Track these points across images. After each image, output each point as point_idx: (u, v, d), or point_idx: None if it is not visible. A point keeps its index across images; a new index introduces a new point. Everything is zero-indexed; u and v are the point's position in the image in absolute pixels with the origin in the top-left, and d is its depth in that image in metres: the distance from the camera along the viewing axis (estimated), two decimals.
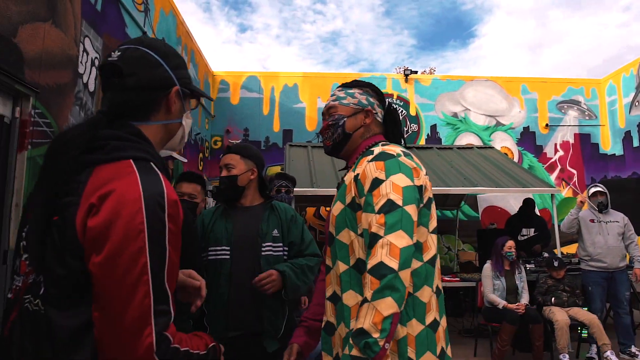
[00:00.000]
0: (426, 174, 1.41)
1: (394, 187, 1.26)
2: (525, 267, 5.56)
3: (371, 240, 1.22)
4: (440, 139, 9.52)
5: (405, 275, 1.17)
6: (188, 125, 1.19)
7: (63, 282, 0.90)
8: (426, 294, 1.32)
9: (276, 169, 8.96)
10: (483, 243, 7.06)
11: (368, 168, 1.34)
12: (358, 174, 1.38)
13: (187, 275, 1.28)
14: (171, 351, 0.91)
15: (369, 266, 1.18)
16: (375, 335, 1.12)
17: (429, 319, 1.31)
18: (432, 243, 1.37)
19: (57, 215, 0.92)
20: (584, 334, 4.87)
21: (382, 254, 1.18)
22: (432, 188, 5.19)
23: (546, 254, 5.99)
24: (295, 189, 4.32)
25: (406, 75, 9.69)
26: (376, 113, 1.61)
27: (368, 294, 1.16)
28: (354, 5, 60.17)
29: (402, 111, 9.66)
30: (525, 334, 4.69)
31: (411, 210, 1.24)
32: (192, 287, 1.25)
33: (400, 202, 1.23)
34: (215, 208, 2.43)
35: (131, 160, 0.96)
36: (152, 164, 1.00)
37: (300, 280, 2.24)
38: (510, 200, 8.93)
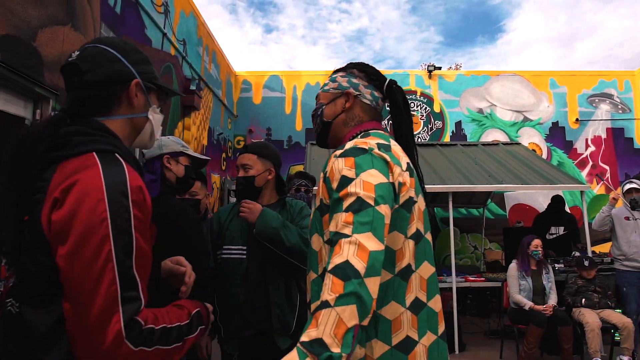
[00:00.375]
0: (407, 169, 1.21)
1: (364, 185, 1.08)
2: (553, 267, 5.38)
3: (335, 238, 1.04)
4: (466, 136, 9.32)
5: (372, 284, 0.98)
6: (157, 121, 1.19)
7: (36, 281, 0.92)
8: (392, 311, 1.14)
9: (299, 168, 8.95)
10: (510, 242, 6.87)
11: (336, 165, 1.16)
12: (327, 172, 1.22)
13: (175, 262, 1.30)
14: (145, 333, 0.92)
15: (331, 265, 1.00)
16: (337, 350, 0.92)
17: (397, 339, 1.13)
18: (408, 251, 1.18)
19: (27, 215, 0.94)
20: (617, 337, 4.67)
21: (349, 253, 1.00)
22: (456, 186, 4.96)
23: (577, 253, 5.77)
24: (315, 188, 4.29)
25: (429, 72, 9.52)
26: (359, 94, 1.39)
27: (329, 297, 0.96)
28: (380, 3, 59.83)
29: (425, 108, 9.51)
30: (553, 336, 4.52)
31: (384, 211, 1.06)
32: (179, 274, 1.28)
33: (371, 202, 1.06)
34: (232, 206, 2.41)
35: (94, 153, 0.98)
36: (117, 155, 1.01)
37: (278, 225, 2.14)
38: (539, 198, 8.65)
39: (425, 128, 9.48)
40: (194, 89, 6.36)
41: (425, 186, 5.08)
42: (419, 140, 9.24)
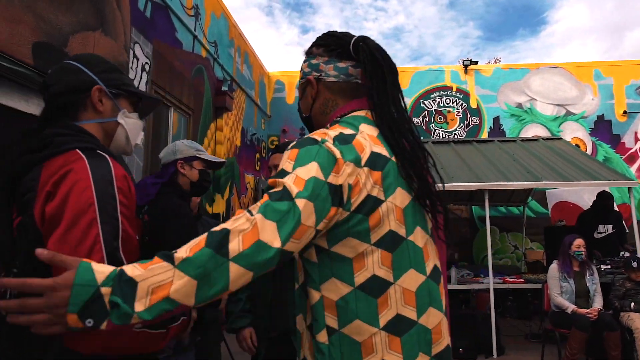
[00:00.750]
0: (368, 164, 0.99)
1: (296, 179, 0.93)
2: (599, 268, 5.10)
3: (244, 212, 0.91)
4: (504, 132, 9.02)
5: (236, 275, 0.83)
6: (131, 125, 1.24)
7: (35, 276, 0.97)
8: (359, 331, 0.97)
9: None
10: (551, 241, 6.58)
11: (282, 157, 1.02)
12: None
13: None
14: None
15: (217, 227, 0.87)
16: (139, 308, 0.79)
17: None
18: (371, 260, 0.98)
19: (20, 215, 1.00)
20: None
21: (237, 227, 0.85)
22: (493, 183, 4.71)
23: (627, 253, 5.45)
24: None
25: (465, 67, 9.27)
26: (321, 75, 1.17)
27: (182, 254, 0.83)
28: None
29: (462, 104, 9.25)
30: (599, 341, 4.28)
31: (302, 207, 0.89)
32: None
33: (294, 194, 0.90)
34: None
35: (77, 150, 1.05)
36: (98, 151, 1.09)
37: None
38: (584, 195, 8.27)
39: (461, 124, 9.24)
40: (226, 90, 6.42)
41: (461, 184, 4.81)
42: (455, 136, 9.01)
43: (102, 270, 0.81)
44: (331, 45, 1.17)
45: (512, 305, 7.22)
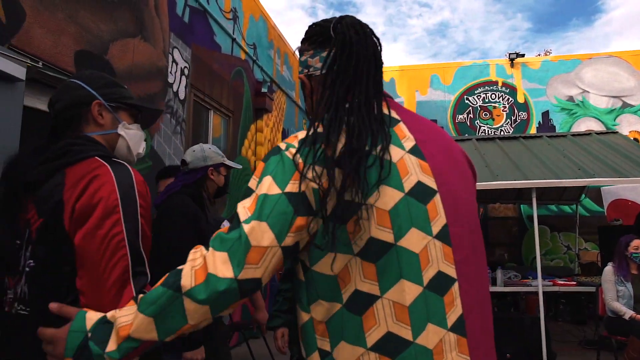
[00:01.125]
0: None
1: (253, 200, 0.89)
2: None
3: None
4: (554, 127, 8.61)
5: (193, 310, 0.83)
6: (132, 136, 1.31)
7: (53, 273, 1.08)
8: (346, 354, 0.88)
9: None
10: (605, 241, 6.21)
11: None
12: None
13: None
14: None
15: (180, 266, 0.88)
16: (110, 348, 0.85)
17: None
18: (355, 275, 0.88)
19: (42, 218, 1.09)
20: None
21: (190, 264, 0.86)
22: (541, 181, 4.43)
23: None
24: None
25: (511, 60, 8.92)
26: (310, 70, 1.07)
27: (147, 293, 0.88)
28: None
29: (508, 99, 8.91)
30: None
31: (250, 230, 0.84)
32: None
33: (242, 218, 0.86)
34: None
35: (97, 157, 1.14)
36: (114, 159, 1.18)
37: None
38: None
39: (508, 120, 8.90)
40: (265, 92, 6.47)
41: (506, 182, 4.57)
42: (501, 133, 8.69)
43: (92, 317, 0.90)
44: (313, 36, 1.08)
45: (564, 309, 6.89)
